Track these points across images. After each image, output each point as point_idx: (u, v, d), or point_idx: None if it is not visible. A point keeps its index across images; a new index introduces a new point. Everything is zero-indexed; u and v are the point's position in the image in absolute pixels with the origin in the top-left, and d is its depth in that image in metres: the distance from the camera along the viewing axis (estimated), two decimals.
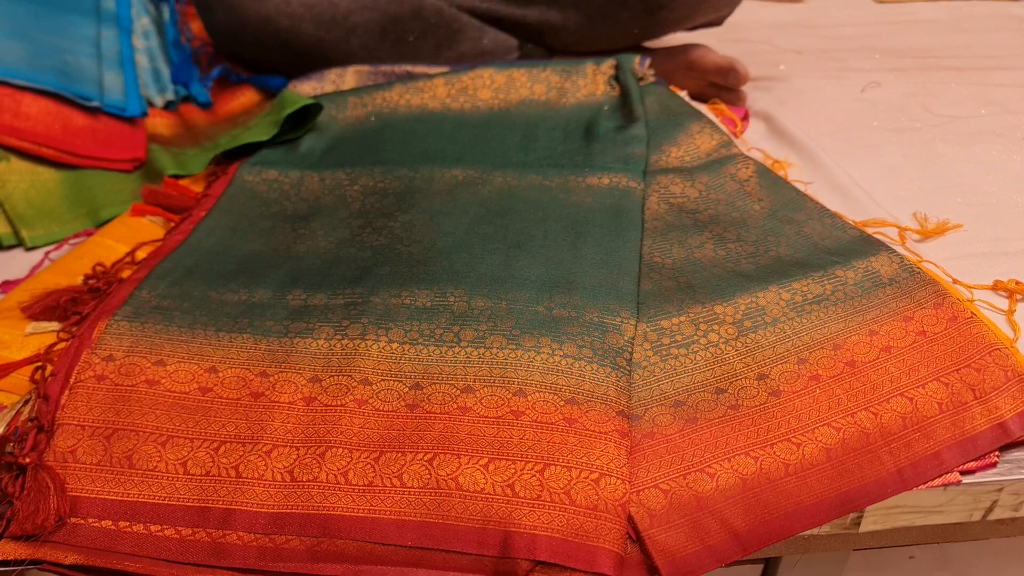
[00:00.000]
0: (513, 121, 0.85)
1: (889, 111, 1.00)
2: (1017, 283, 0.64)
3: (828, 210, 0.71)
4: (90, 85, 0.80)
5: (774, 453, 0.51)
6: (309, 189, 0.74)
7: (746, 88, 0.99)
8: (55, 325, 0.57)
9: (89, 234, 0.71)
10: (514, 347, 0.54)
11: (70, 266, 0.63)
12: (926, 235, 0.73)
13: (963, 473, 0.52)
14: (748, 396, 0.54)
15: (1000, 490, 0.52)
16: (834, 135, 0.93)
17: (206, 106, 0.90)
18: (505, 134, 0.83)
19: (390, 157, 0.80)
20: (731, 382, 0.55)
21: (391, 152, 0.81)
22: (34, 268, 0.67)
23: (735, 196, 0.74)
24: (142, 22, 0.89)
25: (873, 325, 0.58)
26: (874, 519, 0.52)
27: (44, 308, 0.58)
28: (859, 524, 0.52)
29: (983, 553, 0.63)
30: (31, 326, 0.57)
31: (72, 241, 0.71)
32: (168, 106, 0.87)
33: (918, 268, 0.62)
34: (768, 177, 0.76)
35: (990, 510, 0.53)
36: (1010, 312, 0.62)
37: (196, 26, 0.97)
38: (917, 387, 0.54)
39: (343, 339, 0.55)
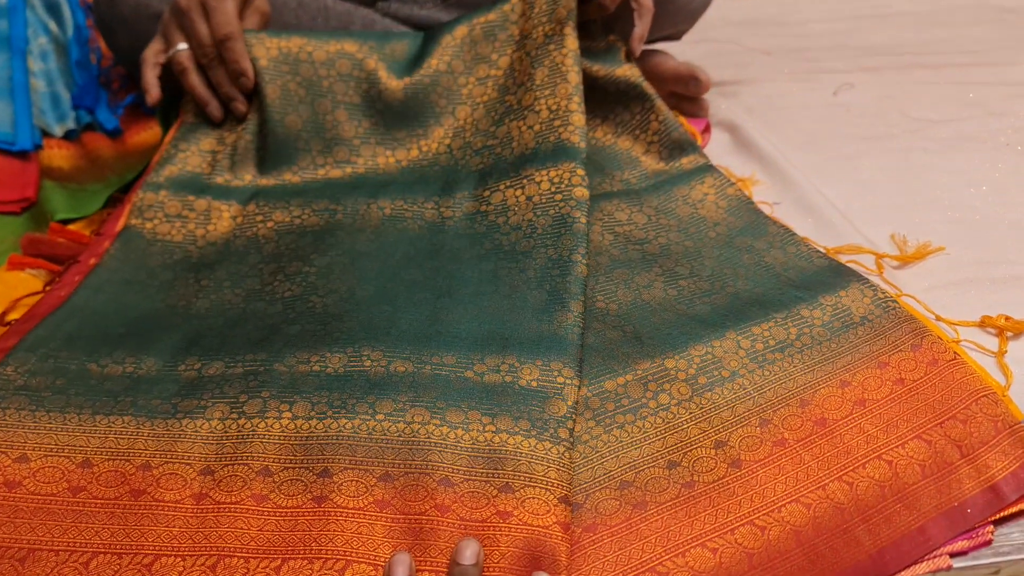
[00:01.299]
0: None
1: (864, 116, 0.93)
2: (1007, 319, 0.57)
3: (793, 235, 0.65)
4: None
5: (735, 540, 0.44)
6: (218, 229, 0.66)
7: (710, 94, 0.92)
8: None
9: None
10: (439, 423, 0.47)
11: None
12: (905, 261, 0.66)
13: (954, 555, 0.45)
14: (705, 470, 0.47)
15: (996, 573, 0.46)
16: (805, 146, 0.86)
17: (115, 134, 0.81)
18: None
19: (308, 182, 0.71)
20: (685, 453, 0.48)
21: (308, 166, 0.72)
22: None
23: (688, 222, 0.66)
24: (40, 42, 0.81)
25: (844, 374, 0.52)
26: None
27: None
28: None
29: None
30: None
31: None
32: (69, 135, 0.79)
33: (893, 302, 0.56)
34: (726, 196, 0.69)
35: None
36: (1000, 354, 0.56)
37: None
38: (896, 447, 0.48)
39: (239, 418, 0.47)
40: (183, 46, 0.71)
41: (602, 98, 0.77)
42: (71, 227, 0.68)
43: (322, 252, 0.63)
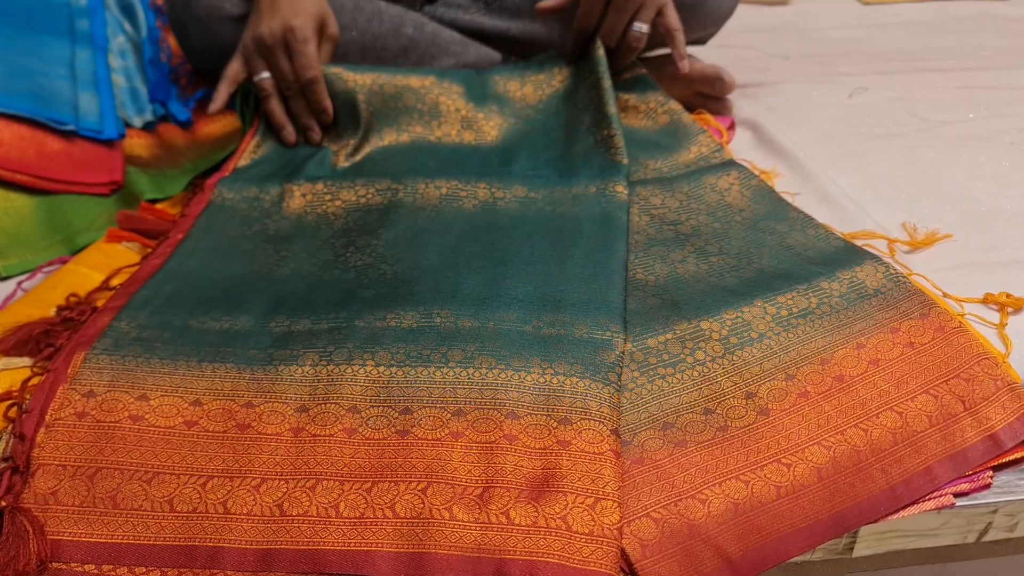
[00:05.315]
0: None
1: (876, 116, 1.00)
2: (1008, 296, 0.63)
3: (812, 220, 0.71)
4: (65, 108, 0.79)
5: (765, 476, 0.50)
6: (290, 206, 0.73)
7: (733, 96, 0.98)
8: (26, 361, 0.56)
9: (64, 262, 0.69)
10: (503, 367, 0.54)
11: (43, 296, 0.62)
12: (915, 246, 0.72)
13: (957, 495, 0.51)
14: (736, 416, 0.53)
15: (994, 512, 0.52)
16: (822, 143, 0.92)
17: (186, 125, 0.88)
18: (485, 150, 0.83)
19: (371, 170, 0.78)
20: (719, 402, 0.54)
21: (372, 167, 0.79)
22: (6, 299, 0.65)
23: (716, 207, 0.73)
24: (118, 40, 0.88)
25: (860, 338, 0.58)
26: (868, 544, 0.51)
27: (16, 343, 0.57)
28: (852, 549, 0.51)
29: (979, 570, 0.62)
30: (2, 361, 0.55)
31: (46, 269, 0.69)
32: (147, 127, 0.86)
33: (903, 278, 0.62)
34: (750, 186, 0.76)
35: (984, 532, 0.52)
36: (1001, 326, 0.62)
37: (175, 42, 0.96)
38: (906, 400, 0.54)
39: (328, 364, 0.54)
40: (266, 74, 0.79)
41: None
42: (157, 206, 0.75)
43: (388, 227, 0.69)
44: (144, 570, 0.45)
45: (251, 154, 0.80)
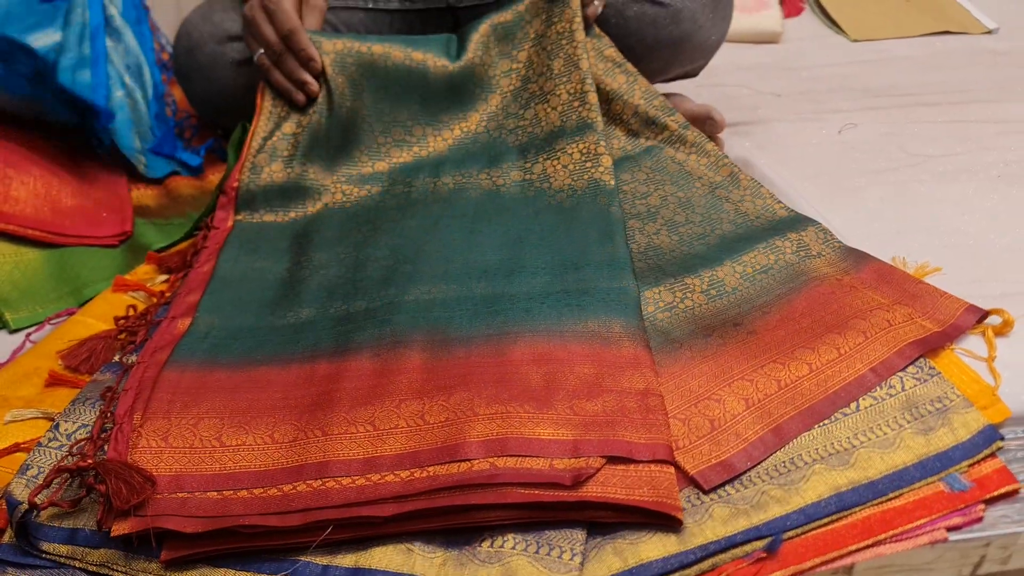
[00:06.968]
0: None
1: (867, 152, 1.01)
2: (996, 329, 0.64)
3: (760, 189, 0.81)
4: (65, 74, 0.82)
5: (765, 373, 0.59)
6: (312, 209, 0.79)
7: (724, 134, 1.00)
8: (34, 412, 0.57)
9: (71, 313, 0.71)
10: (546, 310, 0.63)
11: (51, 348, 0.64)
12: None
13: (950, 529, 0.52)
14: (731, 336, 0.63)
15: (987, 545, 0.52)
16: (813, 179, 0.94)
17: (196, 172, 0.91)
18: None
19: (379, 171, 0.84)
20: (713, 329, 0.64)
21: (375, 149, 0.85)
22: (15, 351, 0.67)
23: (677, 175, 0.82)
24: (117, 95, 0.90)
25: (813, 283, 0.68)
26: None
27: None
28: None
29: None
30: (10, 414, 0.57)
31: (54, 321, 0.71)
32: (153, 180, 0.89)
33: (839, 241, 0.73)
34: (705, 153, 0.85)
35: (979, 565, 0.53)
36: (990, 359, 0.62)
37: (180, 95, 0.99)
38: (870, 312, 0.64)
39: (390, 326, 0.62)
40: (261, 50, 0.82)
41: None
42: (163, 255, 0.77)
43: (408, 216, 0.76)
44: (262, 490, 0.49)
45: (262, 141, 0.82)
